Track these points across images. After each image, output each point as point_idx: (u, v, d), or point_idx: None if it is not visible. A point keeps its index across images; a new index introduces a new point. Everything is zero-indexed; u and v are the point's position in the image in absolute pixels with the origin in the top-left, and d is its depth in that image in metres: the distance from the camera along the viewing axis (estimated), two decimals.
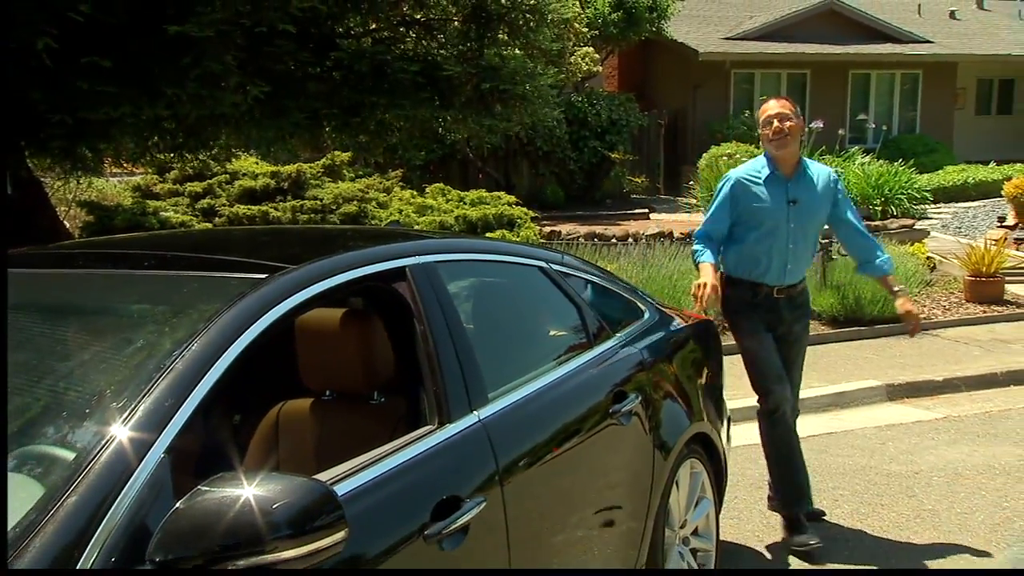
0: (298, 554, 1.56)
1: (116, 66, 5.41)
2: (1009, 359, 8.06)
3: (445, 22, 7.40)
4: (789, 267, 4.47)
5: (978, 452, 5.84)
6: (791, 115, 4.40)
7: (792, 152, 4.48)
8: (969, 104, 24.40)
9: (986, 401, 7.02)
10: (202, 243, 3.40)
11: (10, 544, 1.50)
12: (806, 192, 4.48)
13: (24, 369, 2.12)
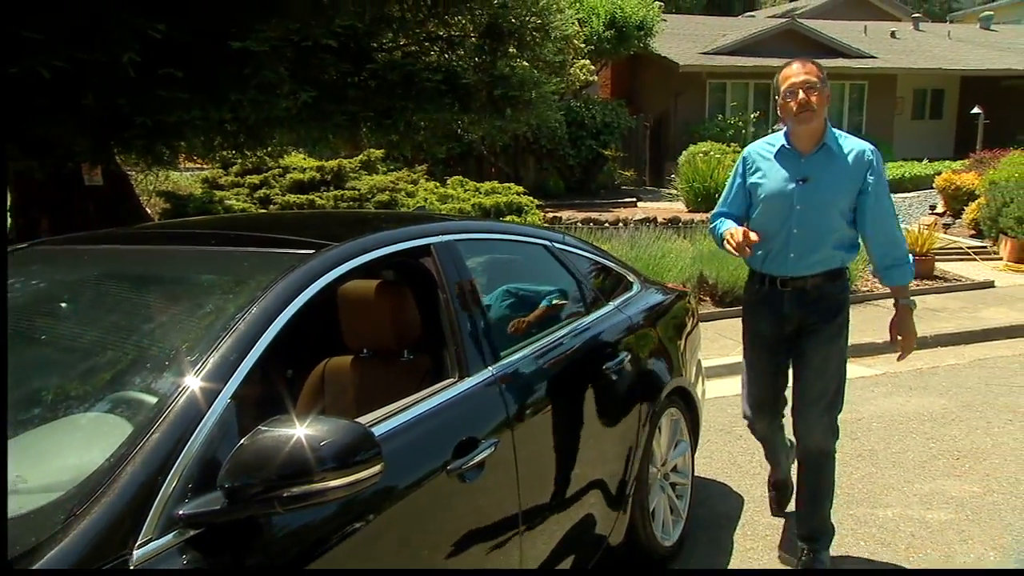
0: (342, 483, 1.57)
1: (188, 76, 5.42)
2: (937, 325, 8.09)
3: (464, 38, 7.37)
4: (792, 255, 3.28)
5: (910, 402, 5.87)
6: (818, 83, 3.16)
7: (814, 128, 3.25)
8: (906, 110, 24.38)
9: (917, 360, 7.04)
10: (259, 225, 3.41)
11: (104, 471, 1.53)
12: (823, 170, 3.23)
13: (115, 328, 2.18)
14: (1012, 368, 6.82)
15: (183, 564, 1.49)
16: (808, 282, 3.31)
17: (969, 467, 4.65)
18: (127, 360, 2.02)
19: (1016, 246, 11.62)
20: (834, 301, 3.36)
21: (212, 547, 1.55)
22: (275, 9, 5.63)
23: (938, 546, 3.73)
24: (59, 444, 1.73)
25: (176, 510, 1.53)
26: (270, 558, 1.68)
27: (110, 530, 1.43)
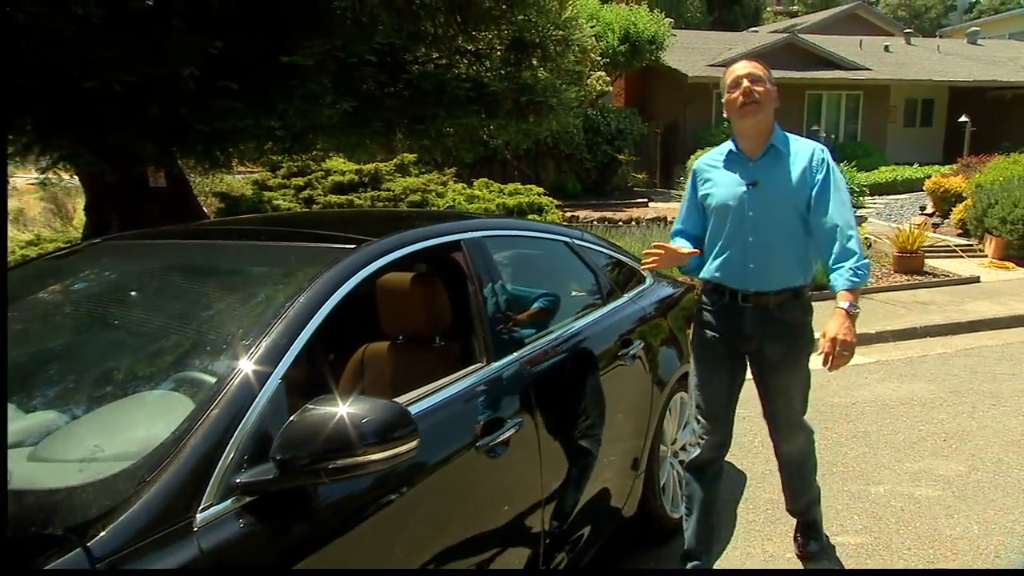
0: (381, 457, 1.59)
1: (241, 88, 5.47)
2: (926, 317, 8.03)
3: (491, 50, 7.37)
4: (752, 266, 2.82)
5: (901, 388, 5.82)
6: (763, 78, 2.82)
7: (760, 125, 2.83)
8: (899, 118, 24.12)
9: (908, 349, 7.01)
10: (305, 222, 3.43)
11: (170, 443, 1.55)
12: (773, 172, 2.81)
13: (178, 315, 2.22)
14: (995, 357, 6.76)
15: (240, 527, 1.51)
16: (771, 299, 2.84)
17: (955, 448, 4.61)
18: (189, 344, 2.05)
19: (1000, 244, 11.50)
20: (799, 323, 2.91)
21: (265, 513, 1.56)
22: (321, 27, 5.66)
23: (926, 520, 3.70)
24: (129, 418, 1.75)
25: (233, 479, 1.54)
26: (316, 524, 1.69)
27: (176, 495, 1.46)
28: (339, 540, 1.72)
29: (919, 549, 3.44)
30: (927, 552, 3.41)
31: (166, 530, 1.41)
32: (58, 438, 1.69)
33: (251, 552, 1.53)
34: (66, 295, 2.53)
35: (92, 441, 1.63)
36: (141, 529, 1.39)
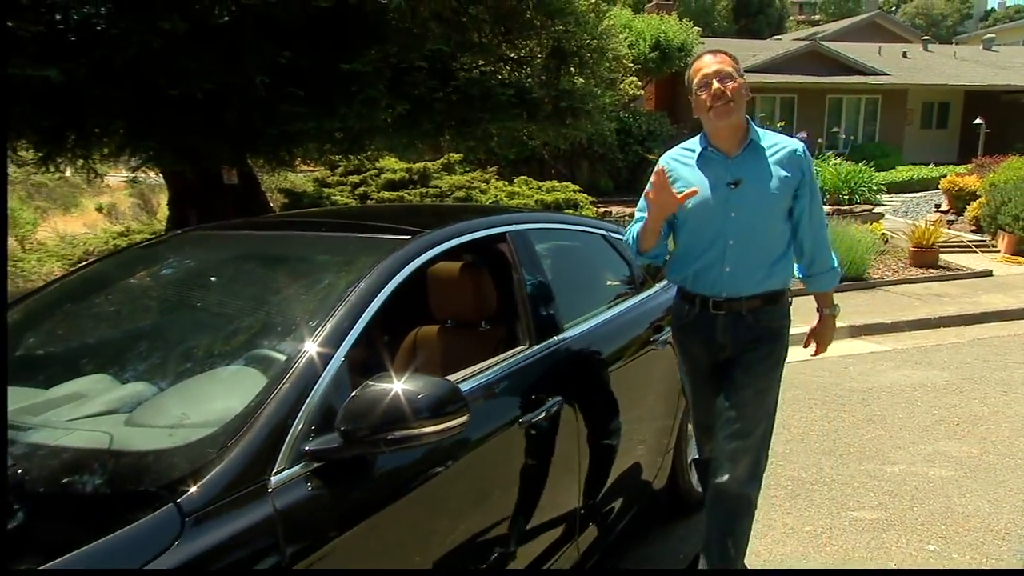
0: (434, 429, 1.60)
1: (307, 94, 5.55)
2: (940, 308, 7.85)
3: (532, 58, 7.36)
4: (728, 269, 2.42)
5: (916, 374, 5.70)
6: (733, 73, 2.40)
7: (735, 124, 2.44)
8: (915, 120, 23.55)
9: (922, 338, 6.87)
10: (363, 215, 3.46)
11: (246, 413, 1.57)
12: (756, 170, 2.41)
13: (251, 299, 2.25)
14: (1007, 347, 6.59)
15: (308, 490, 1.53)
16: (744, 305, 2.44)
17: (968, 431, 4.51)
18: (261, 325, 2.07)
19: (1013, 240, 11.19)
20: (773, 328, 2.48)
21: (330, 478, 1.58)
22: (377, 37, 5.70)
23: (939, 498, 3.63)
24: (210, 390, 1.78)
25: (303, 446, 1.57)
26: (374, 490, 1.71)
27: (253, 459, 1.48)
28: (393, 505, 1.73)
29: (932, 525, 3.38)
30: (940, 528, 3.35)
31: (245, 490, 1.44)
32: (149, 407, 1.73)
33: (317, 512, 1.54)
34: (154, 280, 2.58)
35: (179, 410, 1.67)
36: (224, 489, 1.41)
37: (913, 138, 22.95)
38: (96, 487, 1.48)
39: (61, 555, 1.23)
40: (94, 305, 2.46)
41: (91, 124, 5.83)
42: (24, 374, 2.01)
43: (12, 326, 2.28)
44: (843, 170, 13.69)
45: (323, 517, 1.55)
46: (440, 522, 1.90)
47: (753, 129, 2.50)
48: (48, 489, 1.48)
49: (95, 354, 2.11)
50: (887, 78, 22.07)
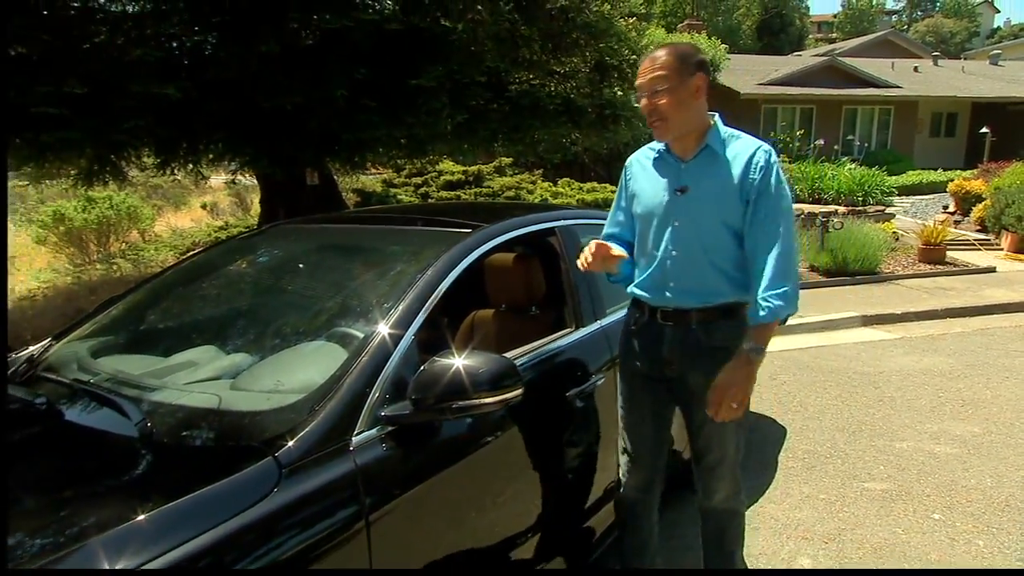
0: (492, 400, 1.61)
1: (378, 106, 5.58)
2: (946, 300, 7.58)
3: (577, 72, 7.27)
4: (672, 284, 1.98)
5: (923, 361, 5.51)
6: (664, 88, 1.89)
7: (676, 133, 1.96)
8: (925, 129, 22.66)
9: (930, 328, 6.63)
10: (428, 211, 3.47)
11: (329, 383, 1.58)
12: (704, 178, 1.94)
13: (332, 284, 2.26)
14: (1009, 336, 6.33)
15: (383, 449, 1.55)
16: (692, 317, 1.98)
17: (971, 413, 4.35)
18: (339, 307, 2.08)
19: (1016, 239, 10.74)
20: (727, 348, 1.93)
21: (402, 440, 1.60)
22: (441, 56, 5.71)
23: (944, 472, 3.52)
24: (299, 362, 1.81)
25: (379, 412, 1.58)
26: (440, 451, 1.72)
27: (337, 422, 1.50)
28: (455, 465, 1.73)
29: (937, 496, 3.27)
30: (944, 499, 3.24)
31: (331, 448, 1.46)
32: (249, 374, 1.77)
33: (390, 469, 1.56)
34: (250, 267, 2.62)
35: (274, 378, 1.70)
36: (313, 446, 1.44)
37: (923, 145, 22.18)
38: (207, 440, 1.53)
39: (179, 497, 1.27)
40: (201, 288, 2.52)
41: (199, 134, 5.98)
42: (147, 345, 2.09)
43: (137, 305, 2.36)
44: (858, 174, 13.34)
45: (395, 473, 1.57)
46: (494, 483, 1.90)
47: (716, 132, 1.98)
48: (169, 440, 1.54)
49: (203, 329, 2.16)
50: (899, 90, 21.36)
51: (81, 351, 2.04)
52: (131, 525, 1.21)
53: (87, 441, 1.60)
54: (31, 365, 2.03)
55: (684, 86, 1.90)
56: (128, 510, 1.25)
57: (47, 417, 1.71)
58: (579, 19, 6.48)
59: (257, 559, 1.26)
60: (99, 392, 1.74)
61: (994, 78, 24.23)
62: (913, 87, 21.96)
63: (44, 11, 4.95)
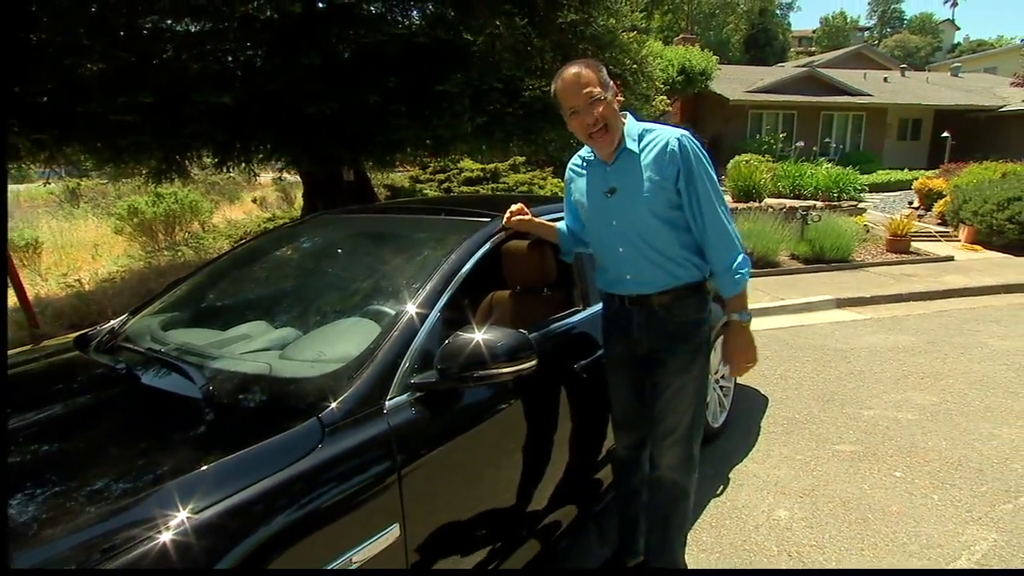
0: (509, 370, 1.59)
1: (407, 109, 5.54)
2: (910, 285, 7.43)
3: None
4: (629, 276, 1.92)
5: (889, 338, 5.43)
6: (599, 95, 1.78)
7: (616, 131, 1.84)
8: (893, 134, 22.24)
9: (895, 310, 6.52)
10: (451, 203, 3.40)
11: (362, 355, 1.57)
12: (627, 177, 1.84)
13: (367, 267, 2.24)
14: (964, 317, 6.22)
15: (413, 413, 1.54)
16: (654, 300, 1.92)
17: (930, 384, 4.29)
18: (372, 287, 2.07)
19: (971, 231, 10.52)
20: (686, 323, 1.92)
21: (429, 404, 1.59)
22: (463, 65, 5.65)
23: (906, 436, 3.47)
24: (338, 335, 1.80)
25: (409, 380, 1.57)
26: (463, 414, 1.70)
27: (372, 388, 1.50)
28: (476, 427, 1.72)
29: (899, 457, 3.24)
30: (905, 459, 3.21)
31: (368, 411, 1.46)
32: (295, 345, 1.77)
33: (418, 430, 1.55)
34: (295, 253, 2.62)
35: (318, 348, 1.70)
36: (352, 408, 1.44)
37: (891, 148, 21.81)
38: (260, 402, 1.53)
39: (237, 451, 1.27)
40: (253, 271, 2.52)
41: (251, 137, 5.98)
42: (208, 320, 2.09)
43: (198, 286, 2.37)
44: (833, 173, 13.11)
45: (423, 434, 1.56)
46: (511, 443, 1.89)
47: (629, 130, 1.87)
48: (227, 401, 1.54)
49: (255, 306, 2.16)
50: (871, 98, 20.98)
51: (153, 324, 2.06)
52: (198, 473, 1.22)
53: (159, 401, 1.61)
54: (112, 336, 2.05)
55: (609, 94, 1.81)
56: (195, 461, 1.26)
57: (126, 380, 1.73)
58: (587, 31, 6.37)
59: (302, 507, 1.27)
60: (169, 359, 1.75)
61: (954, 88, 23.77)
62: (883, 95, 21.58)
63: (121, 32, 4.96)
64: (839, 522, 2.68)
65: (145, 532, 1.10)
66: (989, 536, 2.57)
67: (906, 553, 2.47)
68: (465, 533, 1.68)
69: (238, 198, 17.99)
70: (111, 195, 15.21)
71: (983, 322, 6.02)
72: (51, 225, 12.11)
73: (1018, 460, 3.19)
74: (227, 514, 1.17)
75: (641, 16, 7.68)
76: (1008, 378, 4.40)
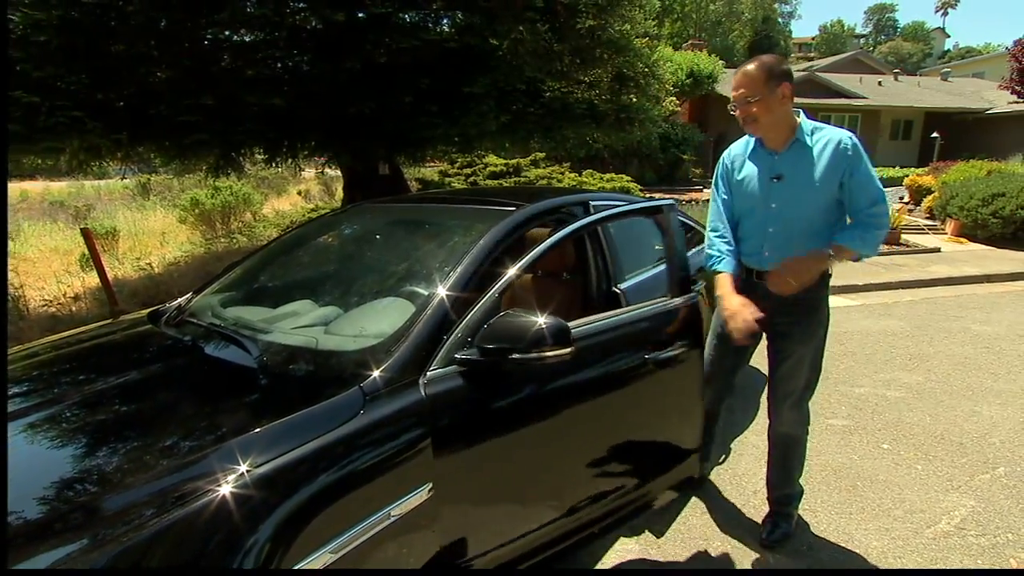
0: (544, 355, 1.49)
1: (438, 109, 5.50)
2: (899, 274, 7.26)
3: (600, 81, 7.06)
4: (767, 253, 2.01)
5: (879, 323, 5.31)
6: (751, 97, 1.90)
7: (765, 130, 1.96)
8: (886, 133, 21.60)
9: (885, 297, 6.38)
10: (479, 193, 3.33)
11: (398, 332, 1.54)
12: (797, 166, 1.92)
13: (401, 251, 2.21)
14: (949, 304, 6.06)
15: (447, 385, 1.49)
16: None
17: (916, 365, 4.19)
18: (406, 270, 2.04)
19: (958, 225, 10.21)
20: (809, 300, 2.00)
21: (465, 379, 1.53)
22: (489, 68, 5.60)
23: (893, 412, 3.41)
24: (377, 313, 1.78)
25: (454, 354, 1.52)
26: (501, 391, 1.60)
27: (409, 361, 1.48)
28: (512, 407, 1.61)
29: (886, 431, 3.18)
30: (892, 433, 3.15)
31: (404, 381, 1.45)
32: (338, 322, 1.77)
33: (453, 402, 1.48)
34: (337, 239, 2.61)
35: (359, 325, 1.70)
36: (392, 378, 1.43)
37: (884, 147, 21.18)
38: (307, 372, 1.54)
39: (287, 415, 1.28)
40: (299, 255, 2.52)
41: (298, 135, 6.00)
42: (260, 298, 2.11)
43: (251, 269, 2.38)
44: None
45: (457, 405, 1.50)
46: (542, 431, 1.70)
47: (803, 126, 1.94)
48: (279, 371, 1.55)
49: (301, 287, 2.16)
50: (866, 101, 20.41)
51: (213, 302, 2.07)
52: (254, 434, 1.23)
53: (220, 369, 1.63)
54: (180, 312, 2.07)
55: (773, 88, 1.89)
56: (251, 422, 1.27)
57: (192, 350, 1.76)
58: (604, 36, 6.26)
59: (346, 465, 1.27)
60: (228, 333, 1.76)
61: (944, 92, 23.01)
62: (877, 98, 20.96)
63: (185, 43, 5.02)
64: (830, 489, 2.64)
65: (210, 484, 1.12)
66: (968, 503, 2.52)
67: (891, 517, 2.43)
68: (492, 500, 1.61)
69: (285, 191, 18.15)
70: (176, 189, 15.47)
71: (967, 308, 5.87)
72: (126, 216, 12.36)
73: (996, 435, 3.12)
74: (281, 470, 1.18)
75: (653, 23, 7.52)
76: (989, 360, 4.28)
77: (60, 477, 1.19)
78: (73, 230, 10.92)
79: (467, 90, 5.36)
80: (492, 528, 1.60)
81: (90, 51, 4.67)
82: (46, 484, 1.18)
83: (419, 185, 11.79)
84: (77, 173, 6.63)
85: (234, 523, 1.09)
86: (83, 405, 1.43)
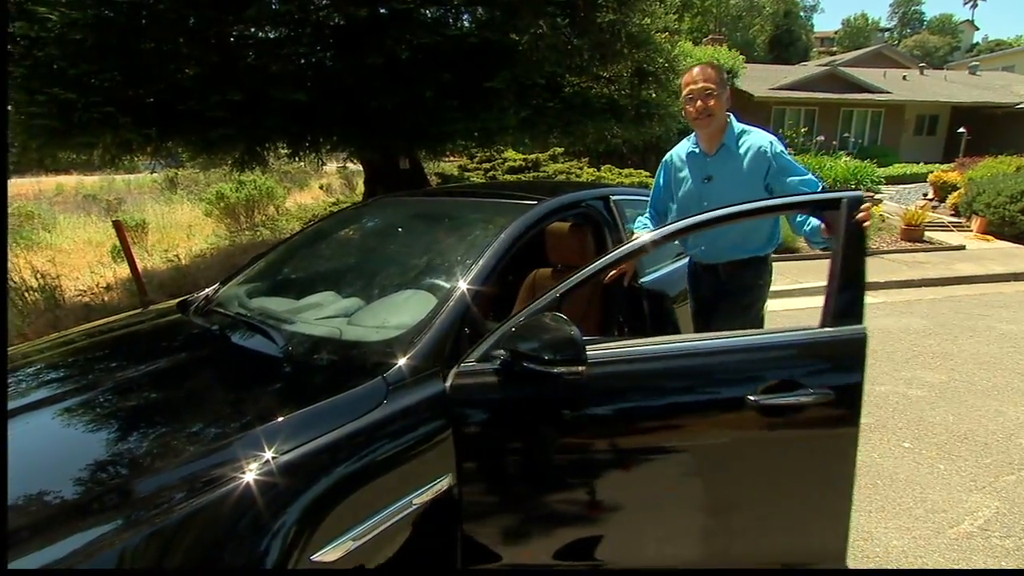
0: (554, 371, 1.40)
1: (459, 104, 5.49)
2: (922, 272, 7.09)
3: (620, 77, 6.99)
4: (703, 248, 2.26)
5: (901, 321, 5.20)
6: (715, 92, 2.08)
7: (712, 130, 2.15)
8: (910, 129, 21.05)
9: (907, 295, 6.25)
10: (499, 187, 3.35)
11: (420, 325, 1.53)
12: (724, 168, 2.14)
13: (424, 245, 2.19)
14: (973, 303, 5.91)
15: (471, 379, 1.46)
16: (720, 268, 2.24)
17: (939, 364, 4.10)
18: (427, 264, 2.02)
19: (984, 222, 9.92)
20: (744, 286, 2.21)
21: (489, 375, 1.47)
22: (508, 63, 5.57)
23: (915, 411, 3.34)
24: (399, 305, 1.77)
25: (468, 350, 1.48)
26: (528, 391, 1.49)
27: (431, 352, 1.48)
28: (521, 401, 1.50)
29: (908, 429, 3.12)
30: (914, 431, 3.09)
31: (427, 372, 1.44)
32: (361, 313, 1.77)
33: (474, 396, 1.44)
34: (359, 232, 2.61)
35: (381, 316, 1.70)
36: (414, 368, 1.43)
37: (908, 142, 20.66)
38: (331, 362, 1.54)
39: (311, 404, 1.29)
40: (322, 248, 2.52)
41: (320, 130, 6.04)
42: (284, 290, 2.12)
43: (275, 260, 2.40)
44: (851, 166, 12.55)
45: (479, 400, 1.47)
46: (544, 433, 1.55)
47: (731, 131, 2.13)
48: (303, 360, 1.56)
49: (324, 279, 2.16)
50: (889, 95, 19.86)
51: (239, 293, 2.09)
52: (280, 421, 1.25)
53: (246, 358, 1.65)
54: (207, 302, 2.10)
55: (724, 93, 2.12)
56: (277, 410, 1.28)
57: (219, 340, 1.78)
58: (624, 31, 6.18)
59: (369, 453, 1.28)
60: (253, 323, 1.78)
61: (972, 86, 22.28)
62: (901, 93, 20.43)
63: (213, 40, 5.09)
64: None
65: (238, 470, 1.14)
66: (992, 504, 2.46)
67: (912, 517, 2.39)
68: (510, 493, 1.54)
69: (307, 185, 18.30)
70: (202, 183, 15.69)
71: (992, 307, 5.72)
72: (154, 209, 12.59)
73: (1022, 435, 3.04)
74: (306, 456, 1.19)
75: (673, 18, 7.41)
76: (1015, 360, 4.17)
77: (95, 460, 1.22)
78: (105, 223, 11.16)
79: (487, 85, 5.34)
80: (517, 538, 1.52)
81: (122, 49, 4.76)
82: (81, 466, 1.20)
83: (439, 179, 11.80)
84: (109, 167, 6.78)
85: (260, 508, 1.11)
86: (116, 391, 1.46)
